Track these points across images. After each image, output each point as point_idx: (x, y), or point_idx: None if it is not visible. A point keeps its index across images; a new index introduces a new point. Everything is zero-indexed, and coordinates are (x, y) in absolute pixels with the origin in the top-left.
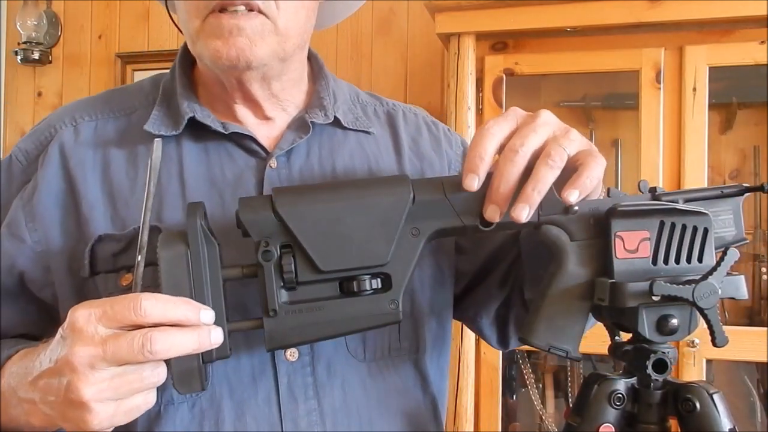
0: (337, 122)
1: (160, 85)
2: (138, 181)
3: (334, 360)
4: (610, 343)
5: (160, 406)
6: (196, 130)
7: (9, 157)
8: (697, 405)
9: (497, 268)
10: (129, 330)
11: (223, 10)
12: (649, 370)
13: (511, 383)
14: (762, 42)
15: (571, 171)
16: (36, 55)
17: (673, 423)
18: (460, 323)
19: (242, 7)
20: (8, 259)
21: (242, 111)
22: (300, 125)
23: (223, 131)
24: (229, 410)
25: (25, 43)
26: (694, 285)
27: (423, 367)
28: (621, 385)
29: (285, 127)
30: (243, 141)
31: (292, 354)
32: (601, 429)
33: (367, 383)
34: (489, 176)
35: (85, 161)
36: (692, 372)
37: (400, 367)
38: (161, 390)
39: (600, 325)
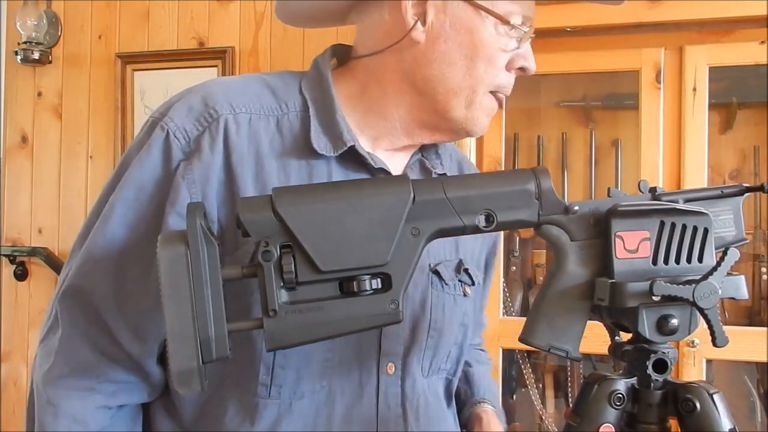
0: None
1: (301, 91)
2: None
3: (417, 375)
4: (610, 343)
5: (291, 399)
6: (346, 152)
7: (164, 132)
8: (697, 405)
9: None
10: None
11: (495, 92)
12: (649, 370)
13: (511, 383)
14: (762, 42)
15: None
16: (36, 55)
17: (673, 423)
18: None
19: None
20: None
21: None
22: (422, 168)
23: (372, 164)
24: (340, 408)
25: (25, 43)
26: (694, 285)
27: (451, 387)
28: (621, 385)
29: (405, 164)
30: (379, 172)
31: (390, 368)
32: (601, 429)
33: (428, 394)
34: None
35: (244, 158)
36: (692, 372)
37: (438, 385)
38: (292, 385)
39: (600, 325)
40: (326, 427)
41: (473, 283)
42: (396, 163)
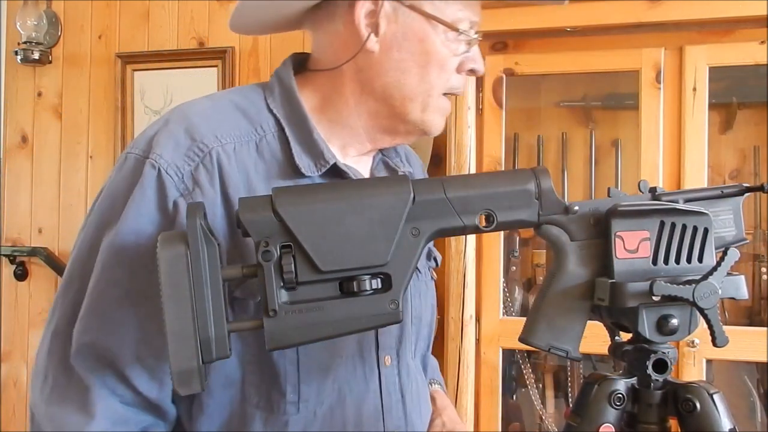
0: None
1: (269, 109)
2: None
3: (409, 362)
4: (610, 343)
5: (315, 408)
6: (328, 169)
7: (155, 170)
8: (697, 405)
9: None
10: None
11: (448, 93)
12: (649, 370)
13: (511, 383)
14: (762, 42)
15: None
16: (36, 55)
17: (673, 423)
18: (460, 323)
19: None
20: None
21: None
22: (386, 168)
23: (352, 176)
24: (351, 405)
25: (25, 43)
26: (694, 285)
27: (425, 362)
28: (621, 385)
29: (371, 167)
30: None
31: (387, 360)
32: (601, 429)
33: (417, 376)
34: None
35: (238, 188)
36: (692, 372)
37: (419, 364)
38: (315, 396)
39: (600, 325)
40: (342, 425)
41: (437, 264)
42: (363, 167)
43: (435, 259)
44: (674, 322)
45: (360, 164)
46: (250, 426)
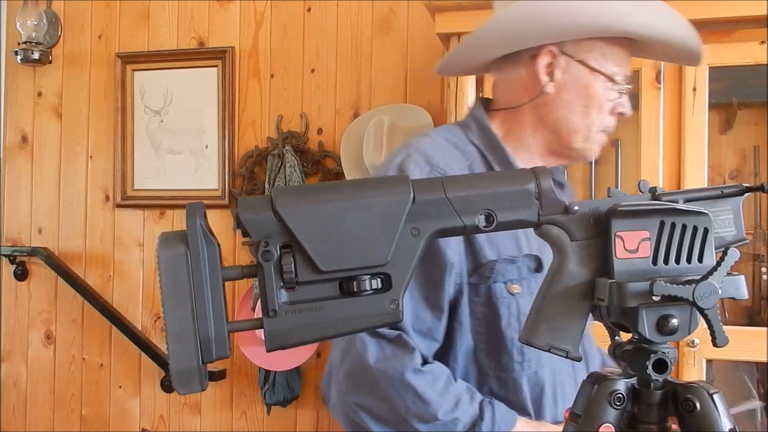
0: None
1: (471, 142)
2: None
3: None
4: (610, 343)
5: (536, 369)
6: None
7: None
8: (697, 405)
9: None
10: None
11: (603, 130)
12: (649, 370)
13: None
14: (762, 42)
15: None
16: (36, 55)
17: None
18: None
19: None
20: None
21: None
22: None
23: None
24: (556, 365)
25: (25, 43)
26: (694, 285)
27: None
28: (621, 385)
29: None
30: None
31: None
32: (601, 429)
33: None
34: None
35: None
36: (692, 372)
37: None
38: (536, 358)
39: (600, 325)
40: (560, 380)
41: None
42: None
43: None
44: (674, 322)
45: None
46: (487, 383)
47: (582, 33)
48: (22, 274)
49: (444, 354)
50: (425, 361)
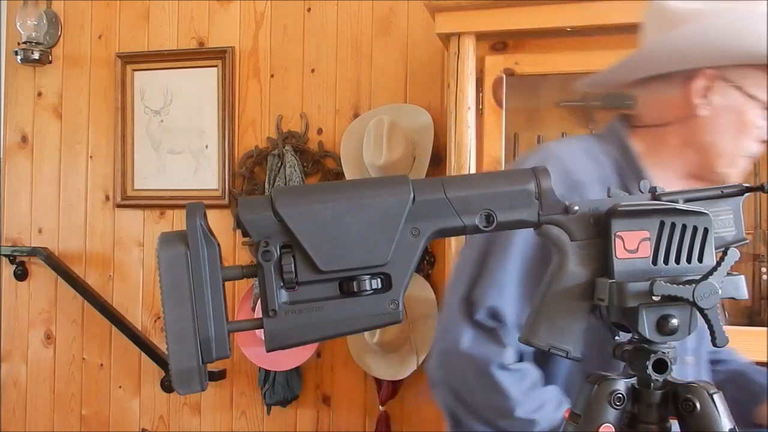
0: None
1: (605, 153)
2: None
3: (704, 360)
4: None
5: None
6: None
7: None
8: (697, 405)
9: None
10: None
11: (746, 156)
12: (649, 370)
13: None
14: None
15: None
16: (36, 55)
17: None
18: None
19: None
20: None
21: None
22: None
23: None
24: None
25: (25, 43)
26: (694, 285)
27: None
28: (621, 385)
29: None
30: None
31: (688, 360)
32: (601, 429)
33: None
34: None
35: None
36: None
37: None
38: None
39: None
40: None
41: None
42: None
43: None
44: (674, 322)
45: None
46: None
47: (752, 60)
48: (22, 274)
49: (547, 359)
50: (521, 358)
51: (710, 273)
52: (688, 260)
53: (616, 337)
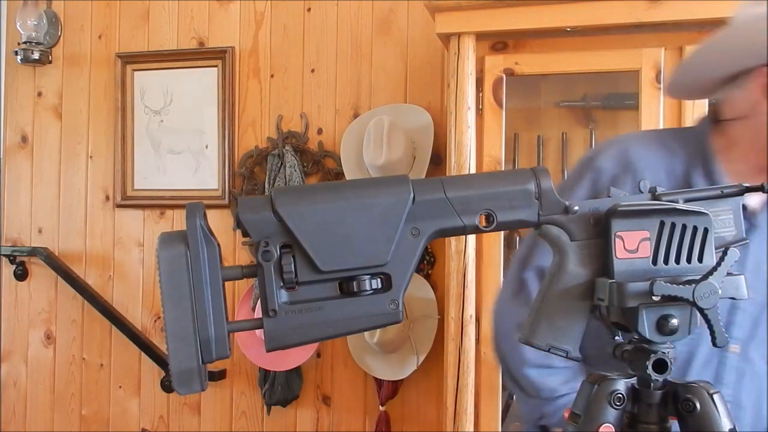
0: None
1: (679, 142)
2: None
3: (755, 359)
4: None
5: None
6: None
7: (597, 169)
8: (697, 405)
9: None
10: None
11: None
12: (649, 370)
13: None
14: None
15: None
16: (36, 55)
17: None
18: (460, 323)
19: None
20: None
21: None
22: None
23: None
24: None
25: (25, 43)
26: (694, 285)
27: None
28: (621, 385)
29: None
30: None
31: (733, 348)
32: (601, 429)
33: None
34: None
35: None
36: None
37: None
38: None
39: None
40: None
41: None
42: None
43: None
44: (674, 322)
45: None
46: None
47: None
48: (22, 274)
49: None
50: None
51: (710, 273)
52: (688, 260)
53: (616, 338)
